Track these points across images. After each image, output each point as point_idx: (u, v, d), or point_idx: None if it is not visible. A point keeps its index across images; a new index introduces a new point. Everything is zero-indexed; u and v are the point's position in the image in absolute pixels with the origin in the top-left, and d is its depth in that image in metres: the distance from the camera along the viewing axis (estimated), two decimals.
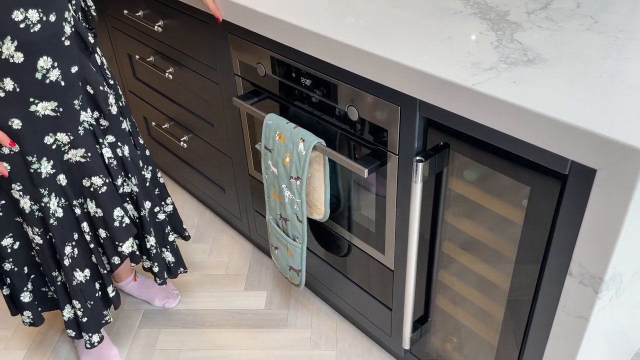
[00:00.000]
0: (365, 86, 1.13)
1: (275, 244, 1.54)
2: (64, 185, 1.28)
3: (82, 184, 1.30)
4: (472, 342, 1.25)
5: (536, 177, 0.91)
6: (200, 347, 1.63)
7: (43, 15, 1.10)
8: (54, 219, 1.28)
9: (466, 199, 1.08)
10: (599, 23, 1.10)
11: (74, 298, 1.38)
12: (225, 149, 1.75)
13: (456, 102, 0.94)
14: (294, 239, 1.44)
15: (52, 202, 1.27)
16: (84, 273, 1.37)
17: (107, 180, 1.32)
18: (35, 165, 1.22)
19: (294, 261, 1.48)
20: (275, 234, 1.51)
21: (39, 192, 1.25)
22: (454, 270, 1.20)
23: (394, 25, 1.14)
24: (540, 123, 0.84)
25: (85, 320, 1.41)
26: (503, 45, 1.03)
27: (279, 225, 1.48)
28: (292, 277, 1.54)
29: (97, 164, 1.30)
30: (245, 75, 1.46)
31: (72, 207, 1.31)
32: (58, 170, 1.26)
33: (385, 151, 1.16)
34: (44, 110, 1.19)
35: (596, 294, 0.89)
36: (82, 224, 1.34)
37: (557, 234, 0.92)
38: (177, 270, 1.60)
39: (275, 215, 1.47)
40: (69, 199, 1.30)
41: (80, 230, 1.35)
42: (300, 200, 1.34)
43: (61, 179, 1.27)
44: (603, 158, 0.78)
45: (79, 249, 1.35)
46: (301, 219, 1.37)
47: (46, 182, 1.25)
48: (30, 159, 1.21)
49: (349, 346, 1.61)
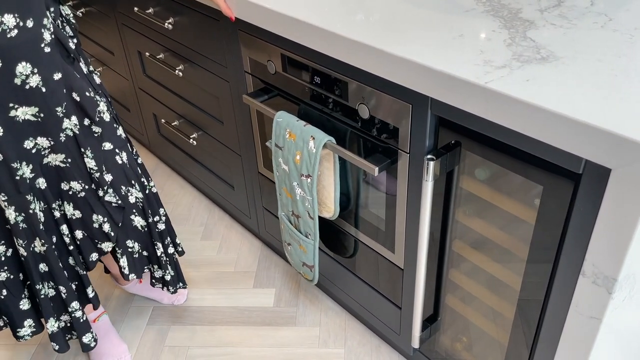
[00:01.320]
0: (376, 84, 1.12)
1: (288, 240, 1.54)
2: (43, 189, 1.27)
3: (61, 187, 1.29)
4: (481, 341, 1.24)
5: (549, 176, 0.91)
6: (209, 344, 1.64)
7: (20, 21, 1.09)
8: (42, 224, 1.28)
9: (477, 198, 1.08)
10: (613, 21, 1.09)
11: (72, 300, 1.37)
12: (234, 146, 1.75)
13: (468, 100, 0.94)
14: (306, 235, 1.44)
15: (37, 208, 1.26)
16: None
17: (86, 187, 1.31)
18: (20, 172, 1.21)
19: (306, 257, 1.48)
20: (287, 231, 1.51)
21: (26, 200, 1.24)
22: (464, 269, 1.19)
23: (406, 22, 1.13)
24: (553, 122, 0.83)
25: (85, 320, 1.41)
26: (516, 43, 1.02)
27: (291, 221, 1.48)
28: (305, 273, 1.54)
29: (77, 170, 1.28)
30: (255, 73, 1.46)
31: (51, 209, 1.30)
32: (37, 174, 1.25)
33: (396, 149, 1.16)
34: (24, 115, 1.18)
35: (609, 294, 0.88)
36: (61, 227, 1.33)
37: (570, 233, 0.91)
38: (176, 285, 1.60)
39: (288, 212, 1.47)
40: (48, 202, 1.29)
41: (59, 232, 1.34)
42: (312, 198, 1.34)
43: (40, 182, 1.26)
44: (618, 157, 0.77)
45: (57, 251, 1.35)
46: (313, 216, 1.37)
47: (31, 188, 1.24)
48: (15, 166, 1.20)
49: (358, 344, 1.61)
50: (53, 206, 1.30)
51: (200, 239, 2.02)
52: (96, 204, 1.34)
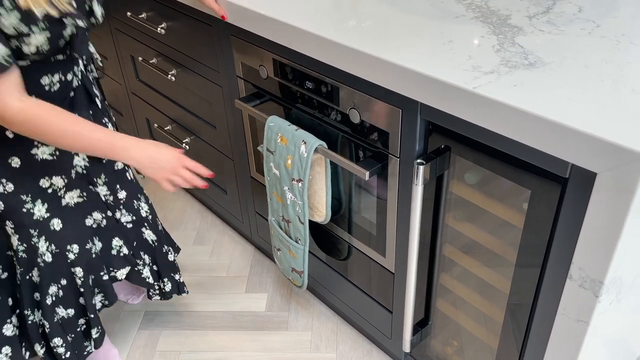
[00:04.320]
0: (367, 89, 1.13)
1: (277, 246, 1.54)
2: (58, 231, 1.27)
3: (85, 223, 1.31)
4: (472, 345, 1.24)
5: (537, 180, 0.92)
6: (200, 349, 1.63)
7: (62, 76, 1.18)
8: (41, 260, 1.28)
9: (467, 202, 1.09)
10: (600, 27, 1.10)
11: (55, 336, 1.35)
12: (227, 150, 1.76)
13: (457, 105, 0.95)
14: (296, 240, 1.44)
15: (41, 245, 1.26)
16: (67, 311, 1.35)
17: (106, 214, 1.34)
18: (28, 205, 1.23)
19: (296, 263, 1.48)
20: (277, 236, 1.51)
21: (29, 233, 1.25)
22: (455, 273, 1.20)
23: (396, 28, 1.14)
24: (540, 126, 0.84)
25: (69, 355, 1.39)
26: (504, 48, 1.03)
27: (281, 226, 1.48)
28: (294, 279, 1.54)
29: (93, 202, 1.32)
30: (247, 78, 1.47)
31: (65, 253, 1.29)
32: (53, 214, 1.26)
33: (386, 154, 1.17)
34: (43, 155, 1.22)
35: (596, 297, 0.89)
36: (75, 269, 1.32)
37: (558, 237, 0.92)
38: (174, 293, 1.61)
39: (278, 217, 1.47)
40: (60, 245, 1.28)
41: (71, 275, 1.33)
42: (302, 203, 1.34)
43: (55, 223, 1.27)
44: (603, 161, 0.78)
45: (65, 291, 1.33)
46: (303, 221, 1.38)
47: (37, 224, 1.25)
48: (25, 198, 1.23)
49: (350, 349, 1.61)
50: (67, 248, 1.30)
51: (192, 243, 2.02)
52: (115, 228, 1.38)
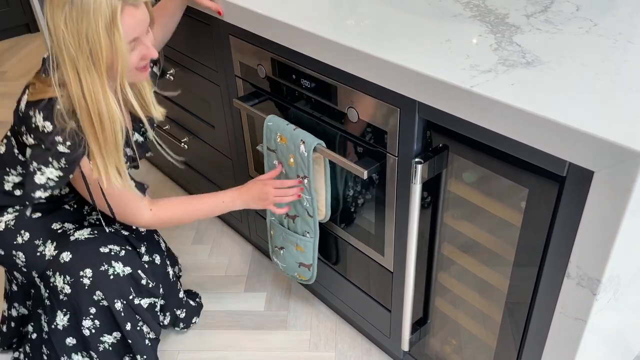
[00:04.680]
0: (365, 88, 1.13)
1: (279, 245, 1.53)
2: (68, 261, 1.28)
3: (99, 251, 1.32)
4: (471, 344, 1.25)
5: (534, 179, 0.92)
6: (199, 348, 1.64)
7: None
8: (63, 294, 1.29)
9: (465, 201, 1.09)
10: (598, 26, 1.10)
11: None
12: (225, 150, 1.76)
13: (454, 104, 0.95)
14: (304, 234, 1.44)
15: (58, 280, 1.28)
16: (112, 335, 1.35)
17: (126, 247, 1.37)
18: (40, 248, 1.30)
19: (304, 256, 1.48)
20: (281, 234, 1.50)
21: (47, 275, 1.29)
22: (453, 272, 1.20)
23: (394, 27, 1.14)
24: (538, 125, 0.84)
25: None
26: (502, 47, 1.03)
27: (284, 224, 1.48)
28: (301, 274, 1.53)
29: (108, 237, 1.35)
30: (246, 77, 1.47)
31: (79, 280, 1.28)
32: (61, 250, 1.30)
33: (384, 153, 1.17)
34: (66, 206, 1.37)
35: (594, 295, 0.89)
36: (95, 292, 1.31)
37: (555, 235, 0.92)
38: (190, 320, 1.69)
39: (280, 215, 1.47)
40: (74, 274, 1.28)
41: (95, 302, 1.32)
42: (311, 197, 1.34)
43: (64, 256, 1.29)
44: (600, 160, 0.78)
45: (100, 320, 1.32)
46: (312, 214, 1.38)
47: (50, 264, 1.29)
48: (37, 242, 1.30)
49: (348, 348, 1.61)
50: (81, 274, 1.29)
51: (191, 243, 2.02)
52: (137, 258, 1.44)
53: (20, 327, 1.49)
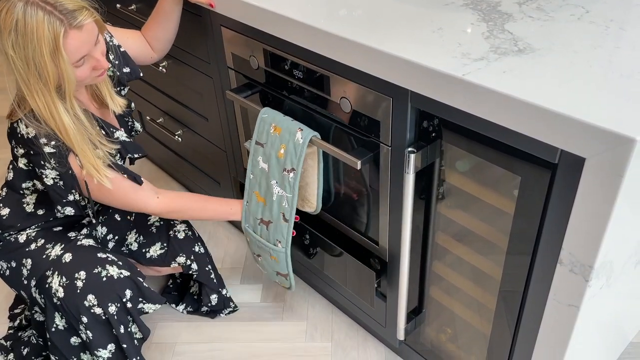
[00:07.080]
0: (357, 78, 1.13)
1: (257, 252, 1.50)
2: (68, 262, 1.30)
3: (97, 255, 1.34)
4: (465, 332, 1.25)
5: (526, 166, 0.92)
6: (196, 340, 1.64)
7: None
8: (56, 298, 1.29)
9: (458, 190, 1.09)
10: (589, 13, 1.10)
11: None
12: (219, 142, 1.75)
13: (446, 92, 0.95)
14: (275, 243, 1.40)
15: (54, 282, 1.29)
16: (107, 349, 1.33)
17: (137, 238, 1.47)
18: (48, 251, 1.33)
19: (279, 266, 1.44)
20: (255, 242, 1.47)
21: (45, 276, 1.31)
22: (448, 261, 1.21)
23: (386, 16, 1.14)
24: (529, 112, 0.84)
25: None
26: (494, 35, 1.03)
27: (257, 232, 1.44)
28: (281, 282, 1.51)
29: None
30: (238, 69, 1.46)
31: (74, 282, 1.29)
32: (65, 251, 1.32)
33: (377, 142, 1.17)
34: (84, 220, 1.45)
35: (586, 282, 0.89)
36: (87, 297, 1.31)
37: (548, 222, 0.92)
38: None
39: (254, 221, 1.43)
40: (70, 276, 1.29)
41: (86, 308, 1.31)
42: (292, 195, 1.32)
43: (66, 257, 1.31)
44: (592, 146, 0.79)
45: (93, 331, 1.31)
46: (288, 218, 1.35)
47: (52, 264, 1.31)
48: (48, 246, 1.34)
49: (345, 337, 1.62)
50: (75, 276, 1.31)
51: None
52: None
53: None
